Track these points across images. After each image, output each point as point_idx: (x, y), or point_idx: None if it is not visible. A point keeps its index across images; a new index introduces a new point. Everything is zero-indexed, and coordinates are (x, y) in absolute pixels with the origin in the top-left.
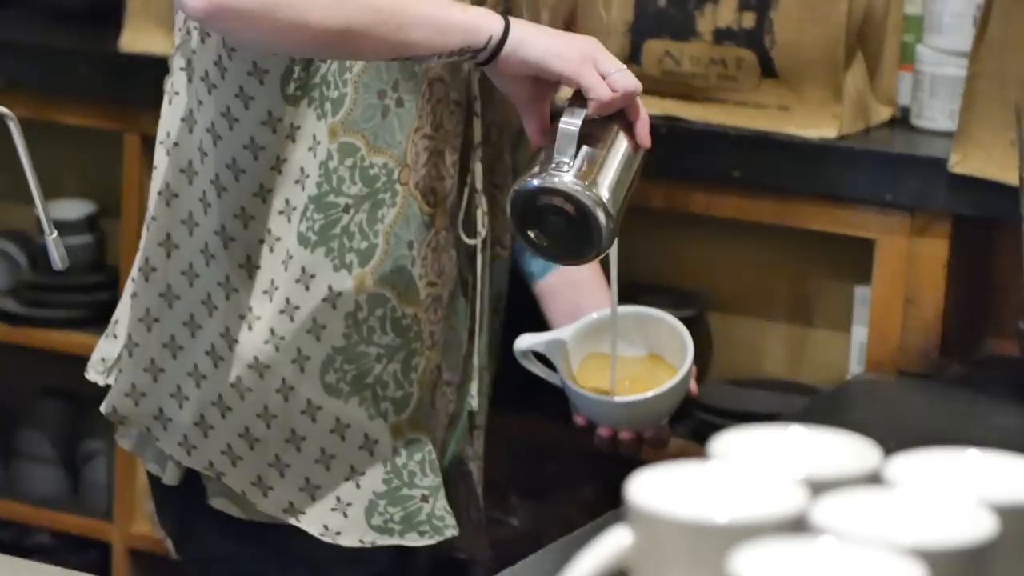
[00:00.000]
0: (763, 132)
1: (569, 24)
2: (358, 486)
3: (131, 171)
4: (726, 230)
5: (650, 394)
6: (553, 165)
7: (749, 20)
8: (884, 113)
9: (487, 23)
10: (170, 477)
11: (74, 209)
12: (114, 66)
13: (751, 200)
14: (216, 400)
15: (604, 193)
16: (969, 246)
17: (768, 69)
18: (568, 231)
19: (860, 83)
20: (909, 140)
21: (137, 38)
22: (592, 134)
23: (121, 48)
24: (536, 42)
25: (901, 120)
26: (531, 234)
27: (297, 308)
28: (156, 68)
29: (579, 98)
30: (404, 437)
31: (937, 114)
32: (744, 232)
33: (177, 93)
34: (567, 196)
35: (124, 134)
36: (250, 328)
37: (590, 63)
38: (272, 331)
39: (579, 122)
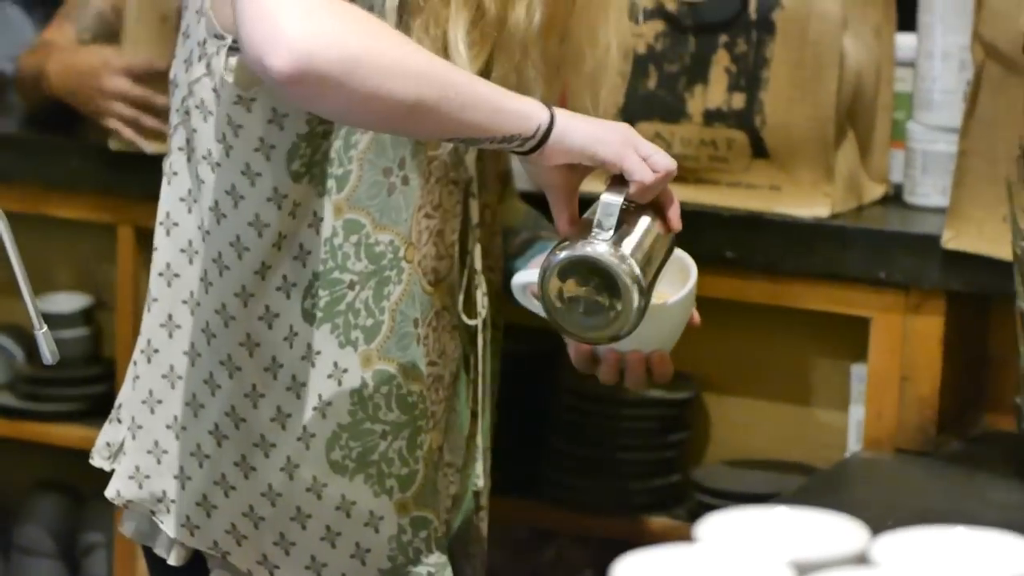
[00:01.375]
0: (755, 212)
1: None
2: (363, 563)
3: (125, 263)
4: (720, 311)
5: (663, 301)
6: (592, 234)
7: (739, 101)
8: (877, 191)
9: (536, 112)
10: (176, 558)
11: (69, 302)
12: (107, 159)
13: (745, 281)
14: (219, 479)
15: (638, 270)
16: (964, 322)
17: (759, 149)
18: (595, 307)
19: (852, 161)
20: (902, 217)
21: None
22: (626, 219)
23: (111, 146)
24: (580, 130)
25: (894, 197)
26: (557, 305)
27: (303, 385)
28: (149, 160)
29: (619, 181)
30: (409, 514)
31: (930, 190)
32: (738, 312)
33: (176, 173)
34: (605, 266)
35: (118, 226)
36: (255, 406)
37: (631, 147)
38: (279, 409)
39: (622, 197)
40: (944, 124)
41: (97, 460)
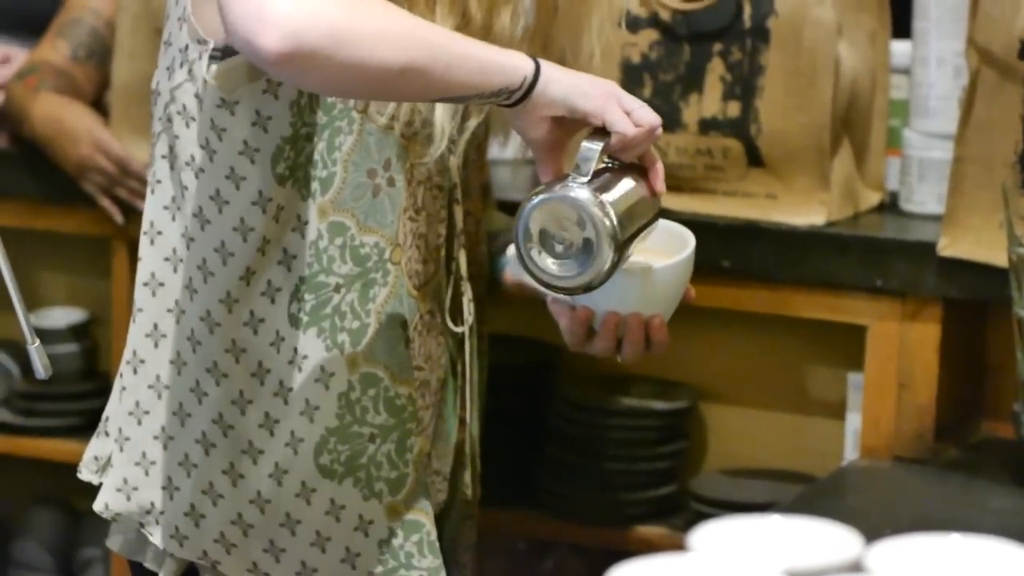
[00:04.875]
0: (751, 221)
1: None
2: (354, 567)
3: (120, 278)
4: (717, 320)
5: (666, 262)
6: (569, 178)
7: (734, 109)
8: (873, 198)
9: (521, 63)
10: (167, 572)
11: (64, 317)
12: None
13: (741, 290)
14: (207, 488)
15: (613, 215)
16: (961, 329)
17: (755, 158)
18: (568, 255)
19: (848, 169)
20: (899, 225)
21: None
22: (608, 175)
23: None
24: (563, 81)
25: (890, 205)
26: (531, 250)
27: (290, 390)
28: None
29: (600, 133)
30: (400, 518)
31: (926, 198)
32: (735, 321)
33: (159, 181)
34: (580, 209)
35: (112, 240)
36: (243, 413)
37: (613, 99)
38: (266, 415)
39: (600, 145)
40: (940, 131)
41: (85, 474)
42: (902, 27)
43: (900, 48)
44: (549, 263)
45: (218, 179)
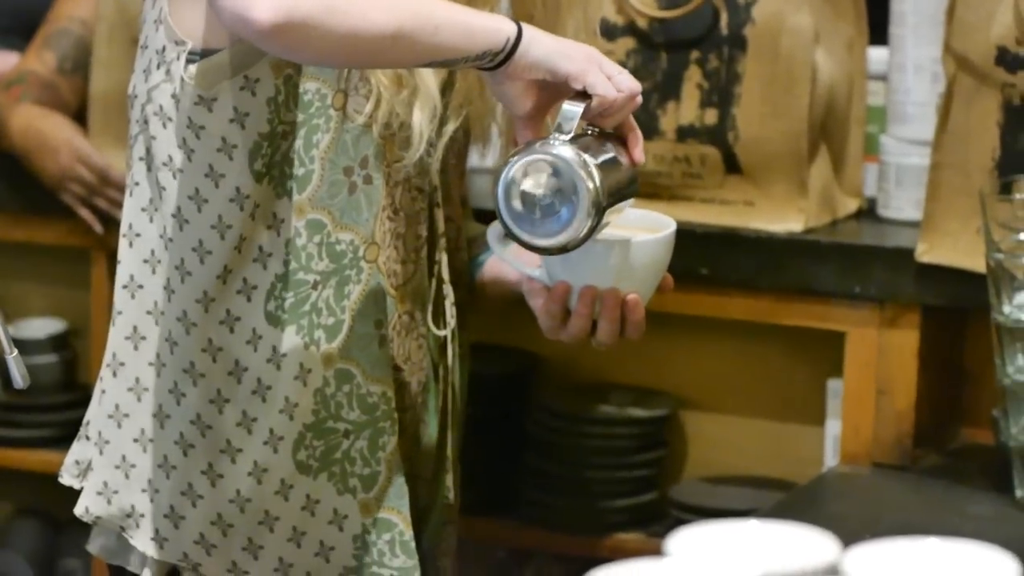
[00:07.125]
0: (729, 228)
1: None
2: (328, 560)
3: (99, 289)
4: (696, 327)
5: (647, 237)
6: (552, 137)
7: (711, 117)
8: (851, 205)
9: (503, 25)
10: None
11: (43, 328)
12: None
13: (720, 297)
14: (186, 490)
15: (595, 172)
16: (940, 335)
17: (732, 165)
18: (548, 214)
19: (825, 176)
20: (876, 231)
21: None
22: (589, 143)
23: None
24: (544, 43)
25: (868, 211)
26: (512, 207)
27: (269, 388)
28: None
29: (582, 96)
30: (373, 515)
31: (904, 204)
32: (714, 329)
33: (137, 184)
34: (563, 166)
35: (92, 251)
36: (220, 412)
37: (595, 63)
38: (244, 413)
39: (581, 107)
40: (917, 137)
41: (66, 478)
42: (879, 34)
43: (877, 55)
44: (530, 223)
45: (197, 178)
